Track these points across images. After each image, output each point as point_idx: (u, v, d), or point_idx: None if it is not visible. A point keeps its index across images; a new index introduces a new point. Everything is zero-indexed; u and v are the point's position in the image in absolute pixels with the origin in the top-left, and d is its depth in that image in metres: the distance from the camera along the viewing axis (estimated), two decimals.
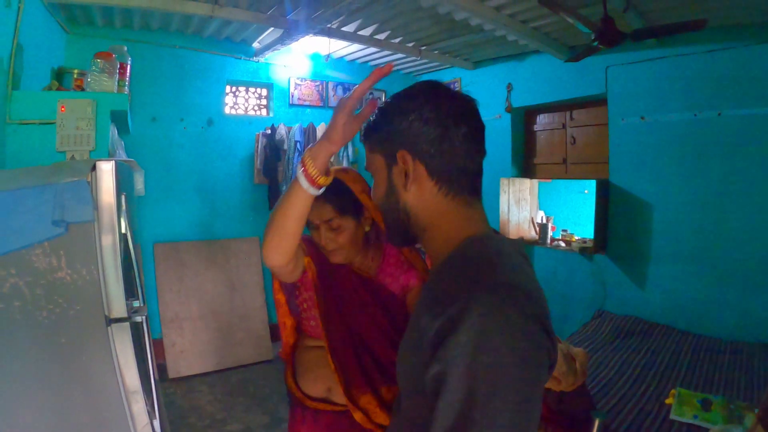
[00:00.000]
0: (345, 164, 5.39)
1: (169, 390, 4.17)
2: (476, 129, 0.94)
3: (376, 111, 1.00)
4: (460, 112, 0.93)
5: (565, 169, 4.90)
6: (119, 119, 2.94)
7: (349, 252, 1.57)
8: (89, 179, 1.65)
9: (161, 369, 4.33)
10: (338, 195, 1.51)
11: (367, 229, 1.60)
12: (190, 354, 4.56)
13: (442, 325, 0.75)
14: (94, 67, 2.60)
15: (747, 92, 3.50)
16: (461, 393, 0.70)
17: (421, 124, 0.90)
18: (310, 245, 1.60)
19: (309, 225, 1.53)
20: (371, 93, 5.85)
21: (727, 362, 3.17)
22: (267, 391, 4.22)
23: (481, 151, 0.96)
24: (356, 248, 1.58)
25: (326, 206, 1.50)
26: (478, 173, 0.97)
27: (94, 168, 1.68)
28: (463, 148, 0.92)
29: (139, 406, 1.79)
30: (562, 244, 4.75)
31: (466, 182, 0.94)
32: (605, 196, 4.30)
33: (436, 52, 5.07)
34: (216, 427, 3.61)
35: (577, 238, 4.77)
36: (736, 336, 3.50)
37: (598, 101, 4.49)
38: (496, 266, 0.80)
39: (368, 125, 1.01)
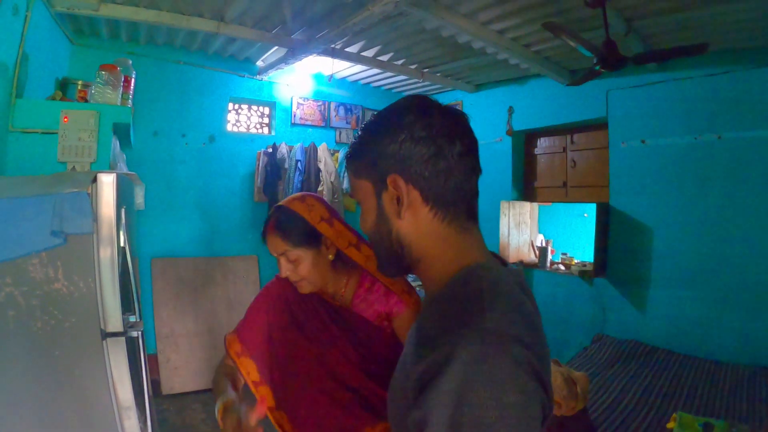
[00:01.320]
0: (345, 185, 5.39)
1: (162, 406, 4.10)
2: (471, 146, 0.86)
3: (360, 131, 0.91)
4: (454, 128, 0.84)
5: (566, 192, 4.90)
6: (122, 132, 2.93)
7: (315, 282, 1.47)
8: (90, 191, 1.64)
9: (155, 385, 4.27)
10: (289, 227, 1.45)
11: (330, 257, 1.49)
12: (184, 371, 4.50)
13: (426, 369, 0.70)
14: (98, 79, 2.61)
15: (747, 115, 3.53)
16: None
17: (413, 144, 0.81)
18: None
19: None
20: (362, 111, 5.90)
21: (728, 386, 3.15)
22: None
23: (477, 170, 0.87)
24: (323, 277, 1.49)
25: (276, 239, 1.44)
26: (475, 194, 0.88)
27: (95, 180, 1.67)
28: (458, 168, 0.83)
29: (131, 423, 1.76)
30: (562, 267, 4.74)
31: (464, 206, 0.86)
32: (605, 219, 4.31)
33: (438, 74, 5.11)
34: None
35: (576, 261, 4.76)
36: (737, 359, 3.48)
37: (599, 125, 4.52)
38: (487, 307, 0.71)
39: (351, 148, 0.91)
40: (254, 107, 5.43)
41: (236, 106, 5.31)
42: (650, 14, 3.20)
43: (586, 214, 5.20)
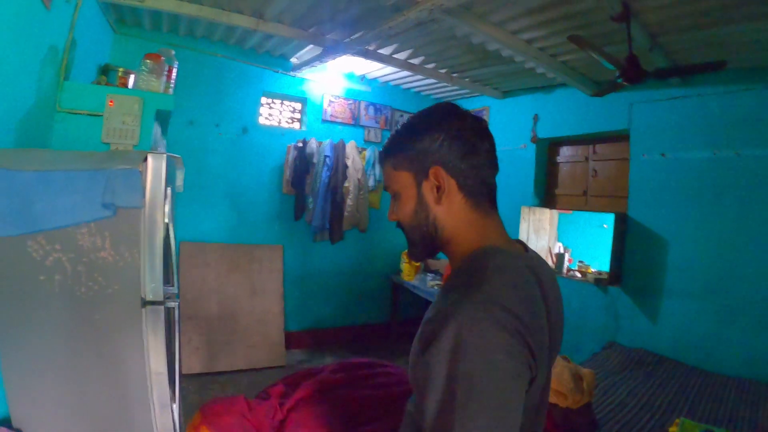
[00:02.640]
0: (371, 183, 5.52)
1: (181, 385, 4.25)
2: (493, 146, 1.04)
3: (399, 131, 1.07)
4: (481, 130, 1.03)
5: (586, 201, 4.96)
6: (163, 119, 3.06)
7: None
8: (141, 169, 1.78)
9: None
10: None
11: None
12: (205, 352, 4.66)
13: (431, 331, 0.86)
14: (143, 67, 2.72)
15: (765, 133, 3.56)
16: (441, 394, 0.80)
17: (451, 142, 0.99)
18: None
19: None
20: (391, 111, 6.01)
21: (732, 399, 3.18)
22: None
23: (496, 167, 1.05)
24: None
25: None
26: (495, 187, 1.06)
27: (146, 159, 1.78)
28: (485, 164, 1.02)
29: (162, 388, 1.87)
30: (578, 274, 4.80)
31: (487, 195, 1.04)
32: (623, 229, 4.35)
33: (467, 79, 5.20)
34: None
35: (593, 270, 4.82)
36: (744, 374, 3.51)
37: (621, 136, 4.56)
38: (485, 281, 0.86)
39: (391, 145, 1.07)
40: (286, 102, 5.57)
41: (269, 101, 5.46)
42: (675, 31, 3.25)
43: (605, 225, 5.23)
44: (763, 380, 3.41)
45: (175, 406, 2.13)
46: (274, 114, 5.52)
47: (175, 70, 3.07)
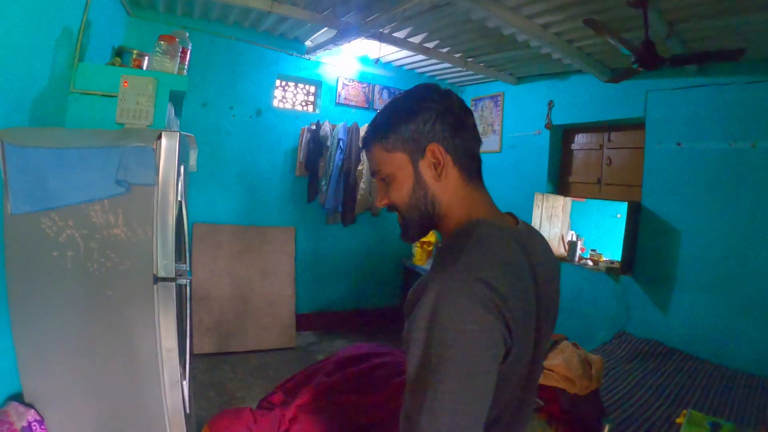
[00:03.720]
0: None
1: (192, 365, 4.31)
2: (474, 119, 1.07)
3: (386, 115, 1.07)
4: (462, 104, 1.06)
5: (599, 189, 4.93)
6: (177, 100, 3.07)
7: None
8: (155, 146, 1.79)
9: None
10: None
11: None
12: (215, 332, 4.72)
13: (414, 299, 0.90)
14: (157, 48, 2.73)
15: None
16: (419, 359, 0.85)
17: (443, 119, 1.01)
18: None
19: None
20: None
21: (740, 392, 3.18)
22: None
23: (480, 140, 1.09)
24: None
25: None
26: (481, 160, 1.08)
27: (159, 137, 1.81)
28: (473, 136, 1.05)
29: (172, 364, 1.90)
30: (590, 263, 4.78)
31: (476, 167, 1.07)
32: (636, 218, 4.32)
33: (481, 64, 5.16)
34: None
35: (605, 258, 4.80)
36: (754, 369, 3.49)
37: (636, 125, 4.51)
38: (465, 253, 0.88)
39: (381, 129, 1.06)
40: (300, 85, 5.57)
41: (283, 83, 5.46)
42: (692, 18, 3.20)
43: (618, 215, 5.22)
44: None
45: (186, 383, 2.16)
46: (288, 97, 5.52)
47: (189, 52, 3.07)
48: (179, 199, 1.96)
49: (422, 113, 1.01)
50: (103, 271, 1.79)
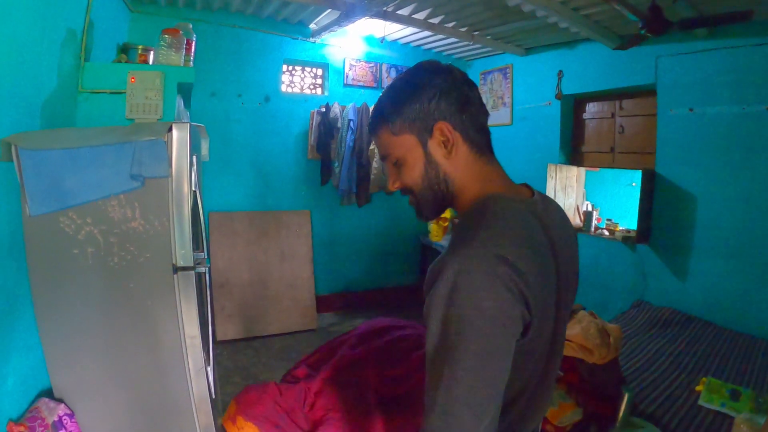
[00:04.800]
0: None
1: (216, 351, 4.39)
2: (478, 91, 1.06)
3: (389, 97, 1.06)
4: (465, 78, 1.04)
5: (613, 158, 4.88)
6: (185, 92, 3.09)
7: None
8: (166, 139, 1.82)
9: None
10: None
11: None
12: (237, 318, 4.80)
13: (432, 277, 0.91)
14: (162, 42, 2.73)
15: None
16: (437, 336, 0.86)
17: (448, 96, 0.99)
18: None
19: None
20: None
21: (759, 360, 3.16)
22: None
23: (487, 112, 1.07)
24: None
25: None
26: (489, 132, 1.07)
27: (170, 129, 1.83)
28: (480, 110, 1.04)
29: (196, 352, 1.95)
30: (606, 232, 4.76)
31: (486, 140, 1.06)
32: (651, 186, 4.27)
33: (488, 37, 5.10)
34: None
35: (621, 228, 4.77)
36: None
37: (648, 91, 4.44)
38: (482, 230, 0.88)
39: (384, 112, 1.04)
40: (307, 69, 5.56)
41: (290, 68, 5.45)
42: None
43: (633, 183, 5.16)
44: None
45: (210, 369, 2.21)
46: (296, 81, 5.52)
47: (194, 44, 3.08)
48: (193, 189, 1.99)
49: (425, 92, 1.00)
50: (124, 264, 1.84)
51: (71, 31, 2.43)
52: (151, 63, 2.85)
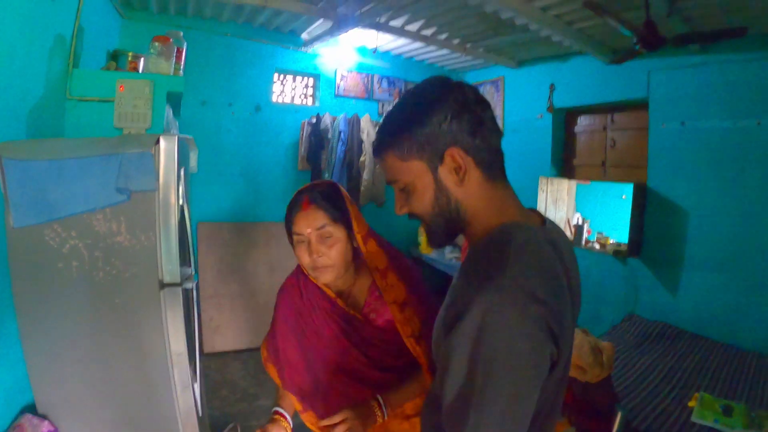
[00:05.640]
0: None
1: (203, 364, 4.32)
2: (491, 110, 0.99)
3: (394, 120, 0.99)
4: (478, 97, 0.97)
5: (604, 171, 4.89)
6: (174, 101, 3.04)
7: (339, 271, 1.43)
8: (153, 151, 1.78)
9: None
10: (332, 201, 1.42)
11: (355, 245, 1.47)
12: (226, 330, 4.72)
13: (454, 313, 0.85)
14: (152, 50, 2.69)
15: None
16: (462, 378, 0.80)
17: (459, 117, 0.92)
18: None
19: (293, 239, 1.45)
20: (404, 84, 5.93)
21: (751, 373, 3.15)
22: None
23: (500, 131, 1.00)
24: (346, 268, 1.46)
25: (318, 212, 1.39)
26: (503, 154, 1.00)
27: (158, 142, 1.79)
28: (492, 131, 0.96)
29: (182, 368, 1.90)
30: (597, 246, 4.75)
31: (500, 165, 0.99)
32: (642, 200, 4.29)
33: (481, 49, 5.11)
34: (248, 401, 3.75)
35: (612, 241, 4.77)
36: (765, 349, 3.46)
37: (640, 105, 4.46)
38: (509, 264, 0.82)
39: (391, 137, 0.97)
40: (299, 78, 5.55)
41: (281, 77, 5.43)
42: None
43: (624, 196, 5.16)
44: None
45: (197, 386, 2.16)
46: (287, 91, 5.50)
47: (184, 52, 3.04)
48: (181, 202, 1.94)
49: (436, 113, 0.92)
50: (109, 279, 1.78)
51: (60, 37, 2.39)
52: (141, 71, 2.80)
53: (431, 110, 0.93)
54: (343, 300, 1.52)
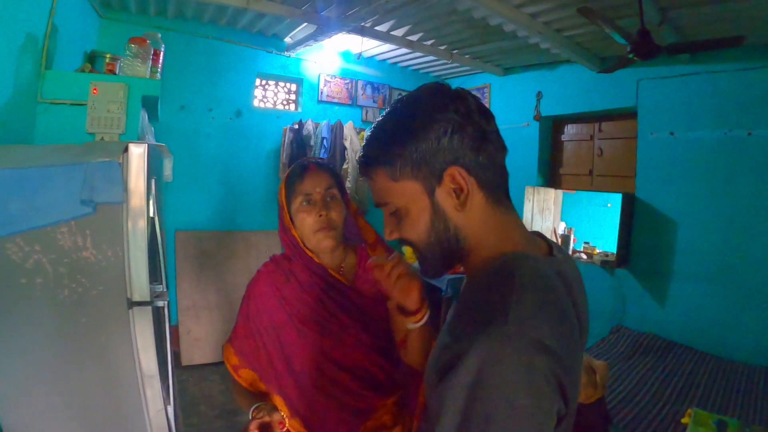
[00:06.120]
0: None
1: (181, 377, 4.18)
2: (495, 122, 0.86)
3: (386, 132, 0.86)
4: (481, 107, 0.84)
5: (591, 181, 4.86)
6: (150, 105, 2.95)
7: (339, 235, 1.44)
8: (121, 160, 1.65)
9: (175, 356, 4.34)
10: (330, 168, 1.49)
11: (346, 214, 1.49)
12: (204, 343, 4.58)
13: (449, 359, 0.72)
14: (128, 52, 2.61)
15: None
16: None
17: (461, 131, 0.79)
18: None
19: (292, 207, 1.45)
20: (389, 90, 5.85)
21: (743, 386, 3.14)
22: None
23: (505, 147, 0.87)
24: (341, 237, 1.47)
25: (324, 174, 1.44)
26: (507, 173, 0.88)
27: (126, 150, 1.67)
28: (498, 147, 0.84)
29: (154, 391, 1.78)
30: (584, 256, 4.70)
31: (504, 186, 0.87)
32: (630, 210, 4.27)
33: (467, 56, 5.06)
34: (226, 418, 3.63)
35: (599, 251, 4.72)
36: (755, 360, 3.45)
37: (628, 114, 4.45)
38: (513, 305, 0.70)
39: (382, 153, 0.85)
40: (281, 83, 5.43)
41: (263, 82, 5.32)
42: (686, 4, 3.12)
43: (609, 204, 5.14)
44: None
45: (170, 408, 2.04)
46: (269, 96, 5.39)
47: (162, 54, 2.95)
48: (151, 215, 1.82)
49: (434, 127, 0.79)
50: (75, 297, 1.66)
51: (32, 36, 2.28)
52: (118, 74, 2.69)
53: (429, 122, 0.80)
54: (336, 271, 1.49)
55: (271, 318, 1.47)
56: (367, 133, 4.41)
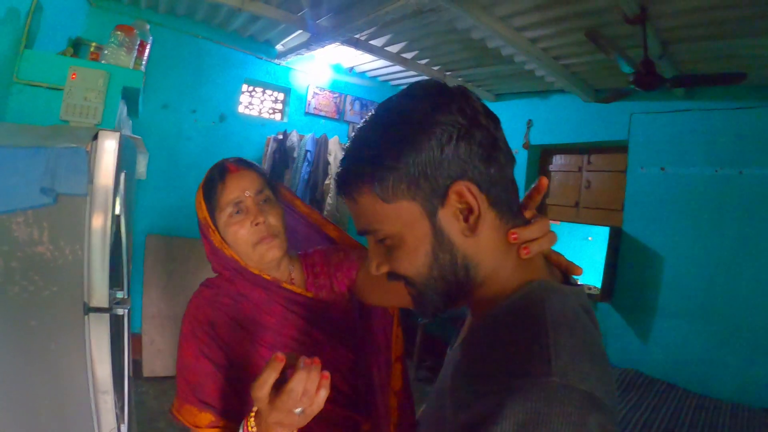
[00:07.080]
0: None
1: (141, 389, 3.95)
2: (502, 128, 0.69)
3: (374, 140, 0.67)
4: (487, 110, 0.68)
5: (577, 213, 4.82)
6: (131, 97, 2.81)
7: (283, 243, 1.17)
8: (89, 148, 1.50)
9: (136, 366, 4.11)
10: (253, 165, 1.22)
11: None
12: (168, 354, 4.35)
13: (471, 419, 0.56)
14: (112, 39, 2.49)
15: None
16: None
17: (468, 137, 0.63)
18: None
19: (230, 213, 1.16)
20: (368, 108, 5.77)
21: (727, 426, 3.07)
22: None
23: (514, 158, 0.71)
24: (286, 243, 1.19)
25: (249, 173, 1.17)
26: (518, 188, 0.71)
27: (96, 137, 1.53)
28: (507, 156, 0.68)
29: (107, 408, 1.62)
30: None
31: (517, 202, 0.71)
32: (617, 244, 4.23)
33: (460, 79, 5.01)
34: None
35: (580, 284, 4.64)
36: (738, 399, 3.41)
37: (618, 147, 4.44)
38: (553, 350, 0.55)
39: (369, 166, 0.65)
40: (268, 91, 5.32)
41: (250, 88, 5.21)
42: (687, 39, 3.13)
43: (590, 238, 5.09)
44: (758, 406, 3.32)
45: (124, 427, 1.85)
46: (255, 103, 5.27)
47: (148, 46, 2.85)
48: (117, 212, 1.66)
49: (435, 133, 0.62)
50: (26, 296, 1.51)
51: (13, 11, 2.17)
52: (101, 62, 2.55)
53: (429, 127, 0.62)
54: (290, 283, 1.23)
55: (231, 353, 1.15)
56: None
